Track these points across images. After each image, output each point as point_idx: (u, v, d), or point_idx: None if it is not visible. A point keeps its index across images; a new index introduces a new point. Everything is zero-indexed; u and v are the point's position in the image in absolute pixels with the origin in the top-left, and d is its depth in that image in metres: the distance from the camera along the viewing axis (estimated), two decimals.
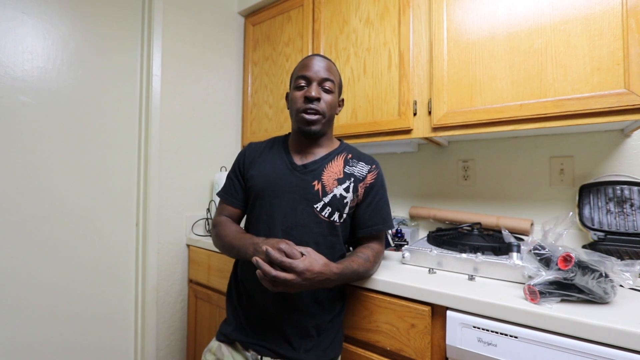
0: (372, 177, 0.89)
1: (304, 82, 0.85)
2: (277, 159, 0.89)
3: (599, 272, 0.66)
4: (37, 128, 1.13)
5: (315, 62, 0.85)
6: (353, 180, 0.86)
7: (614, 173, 1.06)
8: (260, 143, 0.97)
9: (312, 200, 0.82)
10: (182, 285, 1.49)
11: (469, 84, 1.03)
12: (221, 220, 0.93)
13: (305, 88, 0.84)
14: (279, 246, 0.70)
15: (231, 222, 0.92)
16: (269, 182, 0.85)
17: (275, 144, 0.95)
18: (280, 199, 0.83)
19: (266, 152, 0.93)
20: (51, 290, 1.16)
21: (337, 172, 0.86)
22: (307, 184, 0.84)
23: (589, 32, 0.86)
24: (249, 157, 0.93)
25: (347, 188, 0.85)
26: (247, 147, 0.96)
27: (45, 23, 1.15)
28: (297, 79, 0.86)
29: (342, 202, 0.84)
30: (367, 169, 0.89)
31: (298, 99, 0.85)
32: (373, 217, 0.87)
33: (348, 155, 0.90)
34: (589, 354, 0.60)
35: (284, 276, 0.66)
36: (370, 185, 0.88)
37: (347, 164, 0.88)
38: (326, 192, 0.83)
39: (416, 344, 0.81)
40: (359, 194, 0.86)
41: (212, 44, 1.62)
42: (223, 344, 0.85)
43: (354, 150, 0.94)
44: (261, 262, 0.67)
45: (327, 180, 0.84)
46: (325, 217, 0.83)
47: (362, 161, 0.90)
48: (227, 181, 0.96)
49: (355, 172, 0.88)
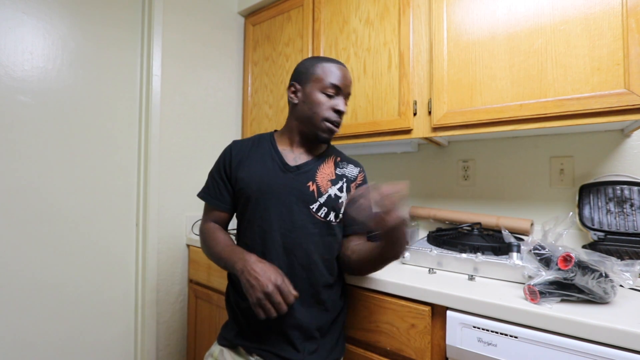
0: (361, 178, 0.93)
1: (335, 92, 0.84)
2: (267, 160, 0.86)
3: (599, 272, 0.66)
4: (37, 128, 1.13)
5: (347, 75, 0.86)
6: (345, 181, 0.88)
7: (614, 173, 1.06)
8: (246, 141, 0.92)
9: (308, 201, 0.82)
10: (182, 285, 1.49)
11: (469, 84, 1.03)
12: (209, 227, 0.90)
13: (334, 97, 0.84)
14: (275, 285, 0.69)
15: (220, 230, 0.90)
16: (261, 184, 0.83)
17: (262, 142, 0.90)
18: (276, 201, 0.81)
19: (253, 151, 0.88)
20: (51, 290, 1.16)
21: (329, 174, 0.87)
22: (302, 184, 0.83)
23: (589, 32, 0.86)
24: (235, 157, 0.88)
25: (340, 188, 0.86)
26: (232, 146, 0.91)
27: (45, 23, 1.15)
28: (328, 86, 0.83)
29: (337, 202, 0.85)
30: (357, 171, 0.93)
31: (326, 106, 0.83)
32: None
33: (337, 158, 0.93)
34: (589, 354, 0.60)
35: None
36: (360, 185, 0.91)
37: (338, 166, 0.91)
38: (321, 193, 0.83)
39: (416, 344, 0.81)
40: (351, 193, 0.88)
41: (212, 43, 1.62)
42: (225, 348, 0.83)
43: (341, 154, 0.96)
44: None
45: (321, 181, 0.85)
46: (322, 218, 0.82)
47: (351, 164, 0.94)
48: (210, 182, 0.91)
49: (346, 173, 0.90)
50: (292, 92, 0.87)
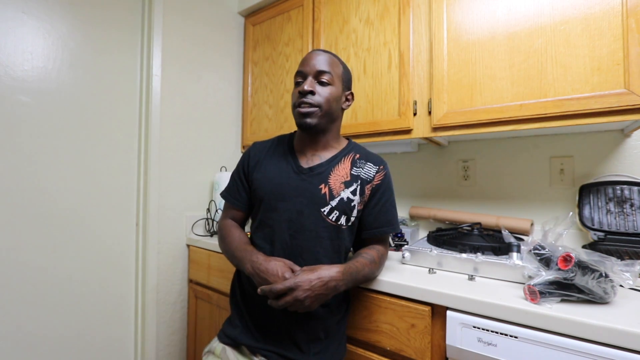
0: (379, 178, 0.86)
1: (301, 78, 0.84)
2: (282, 161, 0.87)
3: (599, 272, 0.66)
4: (37, 128, 1.13)
5: (311, 57, 0.84)
6: (360, 183, 0.84)
7: (614, 173, 1.06)
8: (266, 143, 0.95)
9: (318, 204, 0.81)
10: (182, 285, 1.49)
11: (469, 84, 1.03)
12: (227, 224, 0.92)
13: (301, 84, 0.83)
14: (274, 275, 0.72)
15: (236, 227, 0.92)
16: (274, 186, 0.84)
17: (281, 144, 0.92)
18: (286, 203, 0.82)
19: (271, 153, 0.91)
20: (51, 290, 1.16)
21: (344, 175, 0.84)
22: (314, 187, 0.82)
23: (589, 32, 0.86)
24: (253, 159, 0.91)
25: (354, 191, 0.83)
26: (252, 148, 0.94)
27: (45, 23, 1.15)
28: (295, 77, 0.85)
29: (350, 205, 0.82)
30: (375, 170, 0.87)
31: (294, 95, 0.84)
32: (378, 219, 0.86)
33: (356, 156, 0.88)
34: (589, 354, 0.60)
35: (284, 300, 0.68)
36: (377, 186, 0.86)
37: (355, 165, 0.86)
38: (333, 196, 0.82)
39: (416, 344, 0.81)
40: (365, 195, 0.85)
41: (212, 44, 1.62)
42: (228, 347, 0.82)
43: (362, 150, 0.91)
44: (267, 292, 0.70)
45: (334, 184, 0.83)
46: (333, 221, 0.81)
47: (370, 162, 0.88)
48: (231, 182, 0.95)
49: (361, 173, 0.86)
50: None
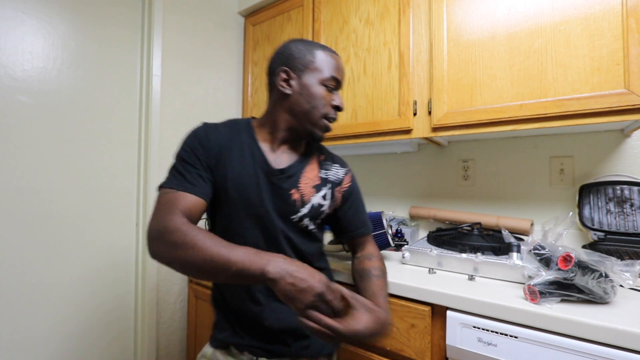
0: (348, 180, 0.84)
1: (334, 85, 0.76)
2: (246, 156, 0.74)
3: (599, 272, 0.66)
4: (37, 128, 1.13)
5: (340, 62, 0.78)
6: (330, 187, 0.80)
7: (614, 173, 1.06)
8: (221, 128, 0.76)
9: (290, 212, 0.75)
10: (182, 285, 1.49)
11: (469, 84, 1.03)
12: (182, 223, 0.61)
13: (333, 92, 0.76)
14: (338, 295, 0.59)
15: (199, 227, 0.64)
16: (243, 188, 0.72)
17: (240, 133, 0.77)
18: (257, 208, 0.73)
19: (232, 142, 0.75)
20: (51, 290, 1.16)
21: (313, 178, 0.79)
22: (285, 192, 0.75)
23: (589, 32, 0.86)
24: (215, 145, 0.72)
25: (324, 195, 0.79)
26: (205, 130, 0.74)
27: (45, 23, 1.15)
28: (329, 78, 0.75)
29: (319, 210, 0.78)
30: (343, 172, 0.84)
31: (326, 101, 0.75)
32: (353, 222, 0.85)
33: (321, 157, 0.84)
34: (589, 354, 0.60)
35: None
36: (349, 189, 0.84)
37: (322, 167, 0.81)
38: (304, 202, 0.76)
39: (416, 344, 0.81)
40: (336, 199, 0.81)
41: (212, 43, 1.62)
42: (217, 350, 0.81)
43: (324, 150, 0.87)
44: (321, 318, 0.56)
45: (305, 188, 0.77)
46: (303, 227, 0.78)
47: (336, 163, 0.85)
48: (180, 168, 0.69)
49: (330, 176, 0.81)
50: (282, 79, 0.74)
